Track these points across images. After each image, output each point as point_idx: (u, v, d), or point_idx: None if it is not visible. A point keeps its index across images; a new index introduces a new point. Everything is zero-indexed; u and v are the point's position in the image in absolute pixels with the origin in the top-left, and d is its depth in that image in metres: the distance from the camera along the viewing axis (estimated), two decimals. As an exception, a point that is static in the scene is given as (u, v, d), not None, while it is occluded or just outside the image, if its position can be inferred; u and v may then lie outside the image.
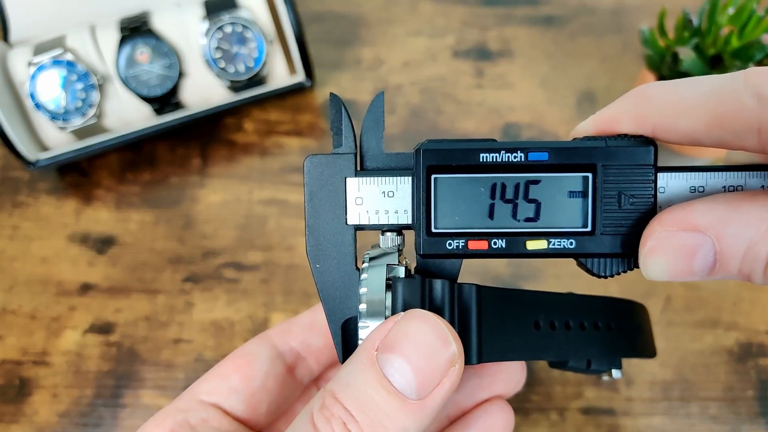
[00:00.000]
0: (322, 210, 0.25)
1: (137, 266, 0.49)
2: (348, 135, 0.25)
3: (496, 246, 0.24)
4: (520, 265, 0.49)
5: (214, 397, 0.28)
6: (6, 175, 0.52)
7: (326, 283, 0.25)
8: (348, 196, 0.25)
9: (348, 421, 0.20)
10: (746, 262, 0.21)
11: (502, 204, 0.24)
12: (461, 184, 0.24)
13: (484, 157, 0.24)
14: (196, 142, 0.54)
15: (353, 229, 0.25)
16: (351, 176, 0.25)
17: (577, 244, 0.24)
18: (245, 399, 0.28)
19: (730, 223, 0.21)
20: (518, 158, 0.24)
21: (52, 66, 0.48)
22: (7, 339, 0.46)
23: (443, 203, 0.24)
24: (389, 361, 0.21)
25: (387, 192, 0.25)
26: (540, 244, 0.24)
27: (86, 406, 0.44)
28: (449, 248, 0.24)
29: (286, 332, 0.30)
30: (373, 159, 0.26)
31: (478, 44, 0.58)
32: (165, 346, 0.46)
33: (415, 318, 0.22)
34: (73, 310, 0.47)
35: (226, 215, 0.51)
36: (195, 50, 0.51)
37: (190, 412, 0.27)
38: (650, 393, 0.45)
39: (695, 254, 0.21)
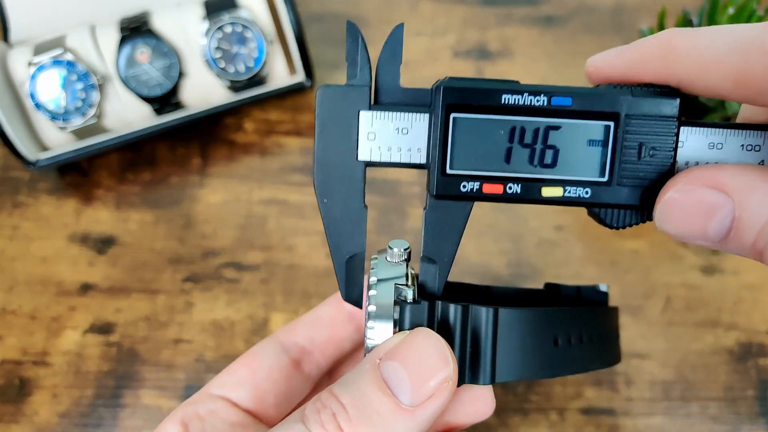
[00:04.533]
0: (333, 144, 0.25)
1: (137, 266, 0.49)
2: (364, 66, 0.24)
3: (510, 191, 0.23)
4: (520, 265, 0.49)
5: (222, 390, 0.29)
6: (6, 175, 0.52)
7: (333, 218, 0.25)
8: (360, 130, 0.24)
9: (338, 413, 0.21)
10: (762, 236, 0.20)
11: (519, 148, 0.23)
12: (480, 125, 0.23)
13: (506, 98, 0.23)
14: (196, 142, 0.54)
15: (363, 165, 0.24)
16: (365, 110, 0.24)
17: (592, 194, 0.23)
18: (251, 390, 0.29)
19: (757, 191, 0.20)
20: (541, 102, 0.23)
21: (52, 66, 0.48)
22: (7, 339, 0.46)
23: (460, 144, 0.23)
24: (390, 367, 0.22)
25: (401, 129, 0.24)
26: (555, 191, 0.23)
27: (86, 406, 0.44)
28: (463, 190, 0.24)
29: (290, 330, 0.31)
30: (388, 93, 0.25)
31: (478, 44, 0.58)
32: (165, 346, 0.46)
33: (420, 334, 0.23)
34: (73, 310, 0.47)
35: (226, 215, 0.51)
36: (195, 50, 0.51)
37: (199, 404, 0.28)
38: (650, 393, 0.45)
39: (714, 214, 0.20)
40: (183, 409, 0.28)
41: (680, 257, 0.50)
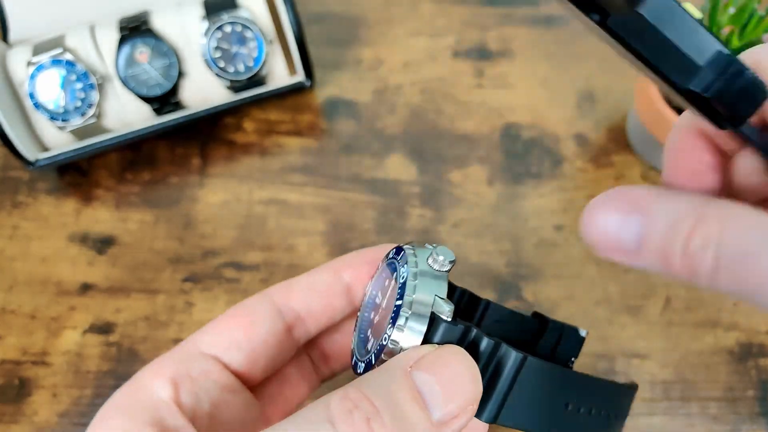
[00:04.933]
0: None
1: (137, 266, 0.49)
2: None
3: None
4: (519, 265, 0.49)
5: (215, 350, 0.27)
6: (5, 175, 0.52)
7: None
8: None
9: (373, 418, 0.20)
10: (667, 240, 0.20)
11: None
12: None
13: None
14: (195, 142, 0.54)
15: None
16: None
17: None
18: (246, 354, 0.28)
19: (661, 200, 0.20)
20: None
21: (51, 66, 0.48)
22: (7, 339, 0.46)
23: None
24: (422, 378, 0.21)
25: None
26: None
27: (86, 406, 0.44)
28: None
29: (286, 292, 0.29)
30: None
31: (478, 44, 0.58)
32: (165, 346, 0.46)
33: (454, 352, 0.22)
34: (73, 310, 0.47)
35: (226, 215, 0.51)
36: (195, 50, 0.51)
37: (191, 363, 0.27)
38: (650, 393, 0.45)
39: (624, 227, 0.21)
40: (173, 366, 0.26)
41: (680, 257, 0.50)
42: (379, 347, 0.23)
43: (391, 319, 0.23)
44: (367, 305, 0.28)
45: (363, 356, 0.25)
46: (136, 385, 0.27)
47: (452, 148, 0.53)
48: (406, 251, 0.25)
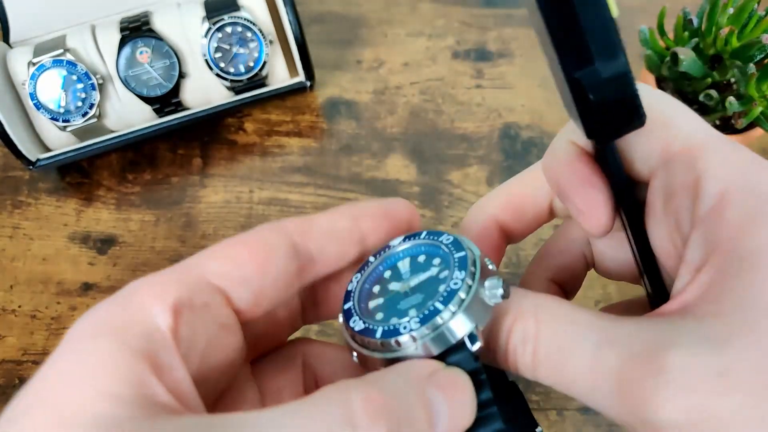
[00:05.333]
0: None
1: (138, 266, 0.49)
2: None
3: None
4: (519, 265, 0.49)
5: (224, 282, 0.24)
6: (6, 175, 0.52)
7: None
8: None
9: (394, 429, 0.19)
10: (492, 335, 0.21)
11: None
12: None
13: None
14: (196, 143, 0.54)
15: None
16: None
17: None
18: (254, 292, 0.25)
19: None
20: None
21: (52, 66, 0.48)
22: (7, 339, 0.46)
23: None
24: (435, 395, 0.21)
25: None
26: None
27: (87, 405, 0.44)
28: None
29: (305, 231, 0.27)
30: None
31: (477, 45, 0.58)
32: (165, 346, 0.46)
33: (464, 378, 0.22)
34: (74, 309, 0.47)
35: (226, 215, 0.51)
36: (195, 50, 0.51)
37: (196, 292, 0.24)
38: (650, 393, 0.45)
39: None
40: (176, 290, 0.23)
41: (680, 257, 0.50)
42: (429, 312, 0.22)
43: (443, 297, 0.23)
44: (371, 275, 0.27)
45: (367, 317, 0.24)
46: (132, 303, 0.23)
47: (452, 148, 0.53)
48: (468, 254, 0.24)
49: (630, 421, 0.20)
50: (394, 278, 0.26)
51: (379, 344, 0.23)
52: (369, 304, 0.25)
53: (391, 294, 0.25)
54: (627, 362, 0.20)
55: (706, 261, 0.20)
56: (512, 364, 0.22)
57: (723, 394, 0.18)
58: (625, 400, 0.19)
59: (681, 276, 0.21)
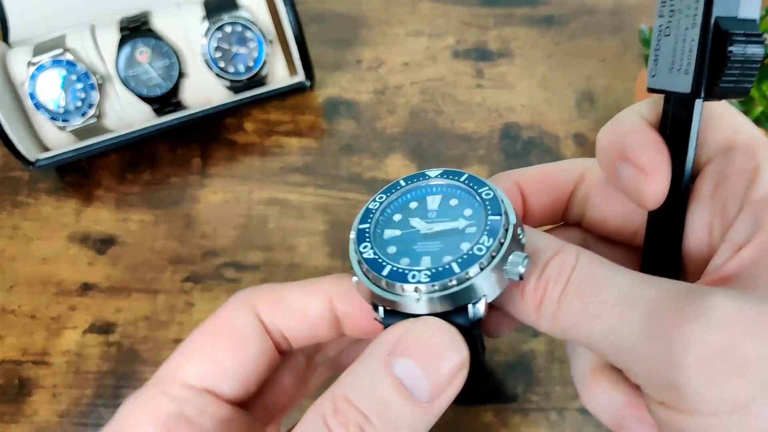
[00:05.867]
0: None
1: (137, 266, 0.49)
2: None
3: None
4: (520, 265, 0.49)
5: (207, 382, 0.25)
6: (6, 175, 0.52)
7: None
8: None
9: (364, 425, 0.20)
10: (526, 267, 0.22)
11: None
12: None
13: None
14: (196, 142, 0.54)
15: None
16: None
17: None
18: (238, 380, 0.25)
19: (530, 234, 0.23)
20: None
21: (51, 66, 0.48)
22: (7, 339, 0.46)
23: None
24: (403, 365, 0.21)
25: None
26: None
27: (86, 406, 0.44)
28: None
29: (274, 308, 0.26)
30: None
31: (478, 44, 0.58)
32: (165, 346, 0.46)
33: (428, 324, 0.22)
34: (73, 310, 0.47)
35: (226, 215, 0.51)
36: (195, 50, 0.51)
37: (183, 402, 0.24)
38: (650, 393, 0.45)
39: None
40: (164, 405, 0.24)
41: (680, 257, 0.50)
42: (443, 269, 0.22)
43: (462, 259, 0.22)
44: (397, 201, 0.25)
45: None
46: (128, 430, 0.24)
47: (452, 148, 0.53)
48: (502, 220, 0.23)
49: (652, 359, 0.19)
50: (419, 213, 0.25)
51: (383, 282, 0.22)
52: (385, 232, 0.24)
53: (411, 230, 0.24)
54: (665, 294, 0.20)
55: (750, 240, 0.21)
56: (536, 300, 0.22)
57: (756, 338, 0.18)
58: (656, 332, 0.19)
59: (720, 255, 0.21)
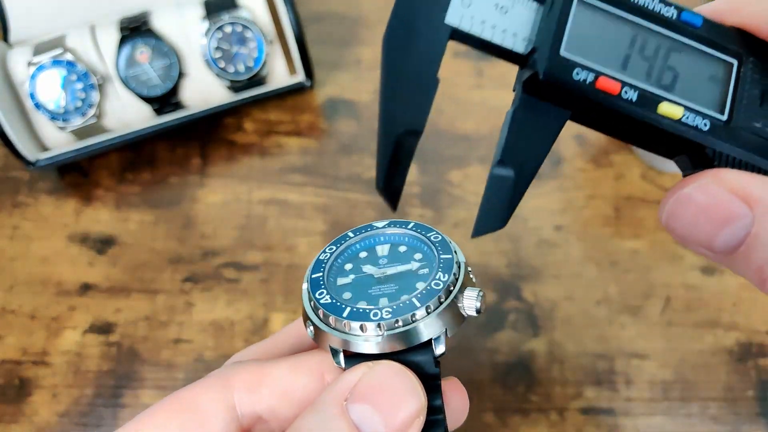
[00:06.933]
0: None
1: (137, 266, 0.49)
2: None
3: (626, 96, 0.21)
4: (519, 266, 0.49)
5: None
6: (6, 175, 0.52)
7: (395, 78, 0.20)
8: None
9: None
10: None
11: (639, 59, 0.21)
12: (603, 19, 0.21)
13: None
14: (196, 142, 0.54)
15: (449, 32, 0.21)
16: None
17: (710, 128, 0.21)
18: None
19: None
20: (670, 14, 0.21)
21: (51, 66, 0.48)
22: (7, 339, 0.46)
23: (578, 27, 0.21)
24: (361, 412, 0.20)
25: (501, 6, 0.21)
26: (675, 111, 0.21)
27: (86, 406, 0.44)
28: (575, 77, 0.21)
29: (253, 392, 0.24)
30: None
31: (478, 44, 0.58)
32: (165, 346, 0.46)
33: (386, 368, 0.21)
34: (73, 310, 0.47)
35: (226, 215, 0.51)
36: (195, 50, 0.51)
37: None
38: (650, 393, 0.45)
39: (728, 223, 0.19)
40: None
41: (680, 257, 0.50)
42: (403, 305, 0.22)
43: (421, 294, 0.22)
44: (347, 251, 0.26)
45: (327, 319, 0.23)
46: None
47: (452, 148, 0.53)
48: (454, 257, 0.24)
49: None
50: (369, 261, 0.25)
51: (343, 324, 0.22)
52: (338, 279, 0.25)
53: (364, 276, 0.25)
54: None
55: None
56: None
57: None
58: None
59: None
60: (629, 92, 0.21)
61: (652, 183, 0.53)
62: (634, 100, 0.21)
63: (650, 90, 0.21)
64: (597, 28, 0.21)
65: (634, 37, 0.21)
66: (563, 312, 0.47)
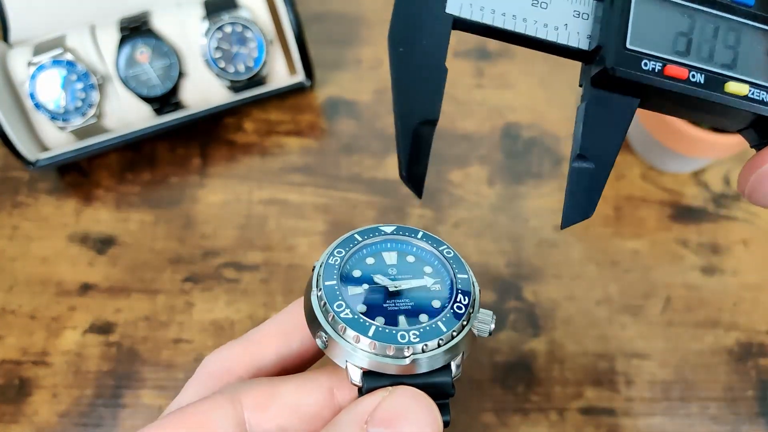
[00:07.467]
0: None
1: (137, 266, 0.49)
2: None
3: (694, 79, 0.22)
4: (519, 265, 0.49)
5: None
6: (6, 175, 0.52)
7: (406, 72, 0.21)
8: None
9: None
10: None
11: (700, 42, 0.22)
12: (659, 8, 0.22)
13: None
14: (196, 142, 0.54)
15: (451, 21, 0.21)
16: None
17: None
18: None
19: None
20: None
21: (51, 66, 0.48)
22: (7, 339, 0.46)
23: (641, 19, 0.22)
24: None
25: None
26: (741, 88, 0.22)
27: (86, 406, 0.44)
28: (644, 68, 0.22)
29: (263, 410, 0.24)
30: None
31: (478, 44, 0.58)
32: (165, 346, 0.46)
33: (406, 394, 0.21)
34: (73, 310, 0.47)
35: (226, 215, 0.51)
36: (195, 50, 0.51)
37: None
38: (650, 393, 0.45)
39: None
40: None
41: (680, 257, 0.50)
42: (430, 329, 0.22)
43: (447, 318, 0.23)
44: (355, 256, 0.25)
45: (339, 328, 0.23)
46: None
47: (452, 148, 0.53)
48: (470, 278, 0.24)
49: None
50: (379, 270, 0.25)
51: (368, 343, 0.22)
52: (349, 288, 0.24)
53: (376, 287, 0.24)
54: None
55: None
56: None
57: None
58: None
59: None
60: (696, 75, 0.22)
61: (652, 183, 0.53)
62: (702, 82, 0.22)
63: (716, 71, 0.22)
64: (657, 18, 0.22)
65: (692, 22, 0.22)
66: (563, 312, 0.47)
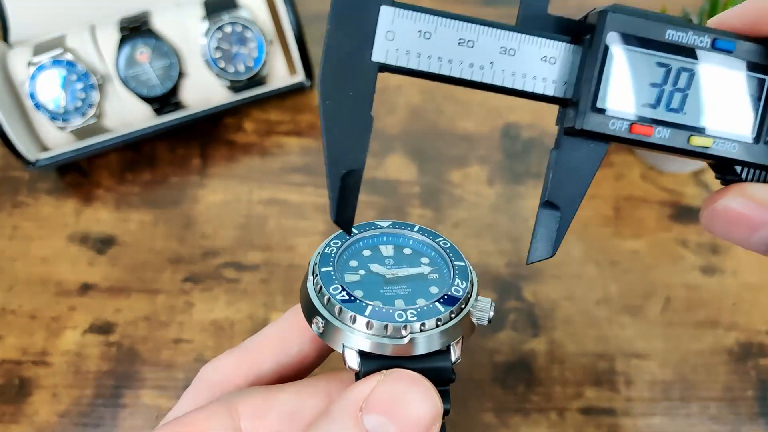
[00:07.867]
0: (346, 38, 0.22)
1: (137, 266, 0.49)
2: None
3: (659, 135, 0.22)
4: (519, 265, 0.49)
5: None
6: (6, 175, 0.52)
7: (334, 124, 0.22)
8: (379, 27, 0.22)
9: None
10: None
11: (671, 91, 0.22)
12: (636, 61, 0.22)
13: (671, 34, 0.22)
14: (196, 142, 0.54)
15: (377, 68, 0.22)
16: (386, 5, 0.22)
17: (739, 150, 0.23)
18: None
19: None
20: (704, 44, 0.22)
21: (51, 66, 0.48)
22: (7, 339, 0.46)
23: (612, 77, 0.22)
24: (376, 421, 0.20)
25: (423, 32, 0.22)
26: (705, 142, 0.22)
27: (86, 406, 0.44)
28: (611, 128, 0.22)
29: (261, 418, 0.24)
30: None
31: (478, 44, 0.58)
32: (165, 346, 0.46)
33: (401, 376, 0.21)
34: (73, 310, 0.47)
35: (226, 215, 0.51)
36: (195, 50, 0.51)
37: None
38: (650, 393, 0.45)
39: (757, 229, 0.22)
40: None
41: (680, 257, 0.50)
42: (427, 309, 0.22)
43: (444, 299, 0.23)
44: (351, 247, 0.26)
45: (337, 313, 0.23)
46: None
47: (452, 148, 0.53)
48: (467, 265, 0.25)
49: None
50: (375, 260, 0.25)
51: (365, 323, 0.22)
52: (346, 276, 0.24)
53: (373, 275, 0.25)
54: None
55: None
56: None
57: None
58: None
59: None
60: (662, 131, 0.22)
61: (652, 183, 0.53)
62: (667, 137, 0.22)
63: (682, 124, 0.22)
64: (632, 72, 0.22)
65: (668, 72, 0.22)
66: (563, 312, 0.47)
